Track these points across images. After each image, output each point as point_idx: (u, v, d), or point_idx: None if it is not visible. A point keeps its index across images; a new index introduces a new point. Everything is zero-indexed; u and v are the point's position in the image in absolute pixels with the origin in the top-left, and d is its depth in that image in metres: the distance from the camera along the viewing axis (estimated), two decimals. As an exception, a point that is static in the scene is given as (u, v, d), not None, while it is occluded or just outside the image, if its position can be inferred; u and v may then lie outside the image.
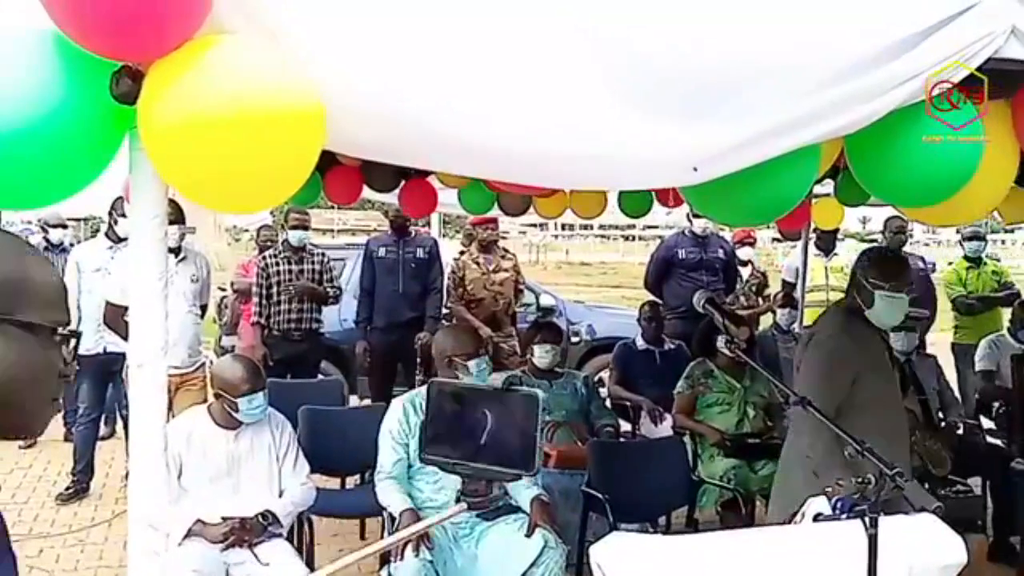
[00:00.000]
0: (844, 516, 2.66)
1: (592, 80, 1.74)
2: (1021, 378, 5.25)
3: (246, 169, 1.50)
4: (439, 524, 1.33)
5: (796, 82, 1.83)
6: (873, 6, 1.89)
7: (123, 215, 6.28)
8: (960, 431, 5.73)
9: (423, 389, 4.18)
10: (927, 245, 41.21)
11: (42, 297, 1.34)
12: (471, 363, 3.99)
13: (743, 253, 8.21)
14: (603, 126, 1.77)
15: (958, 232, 8.72)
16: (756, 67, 1.81)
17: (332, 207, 19.04)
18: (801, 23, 1.85)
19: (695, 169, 1.81)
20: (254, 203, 1.67)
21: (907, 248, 7.98)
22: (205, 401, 4.91)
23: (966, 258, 7.78)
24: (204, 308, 6.20)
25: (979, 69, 1.98)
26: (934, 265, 7.83)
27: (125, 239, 6.34)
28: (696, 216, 7.13)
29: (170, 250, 5.71)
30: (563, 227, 24.91)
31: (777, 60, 1.82)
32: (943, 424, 5.63)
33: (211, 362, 5.67)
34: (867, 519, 2.35)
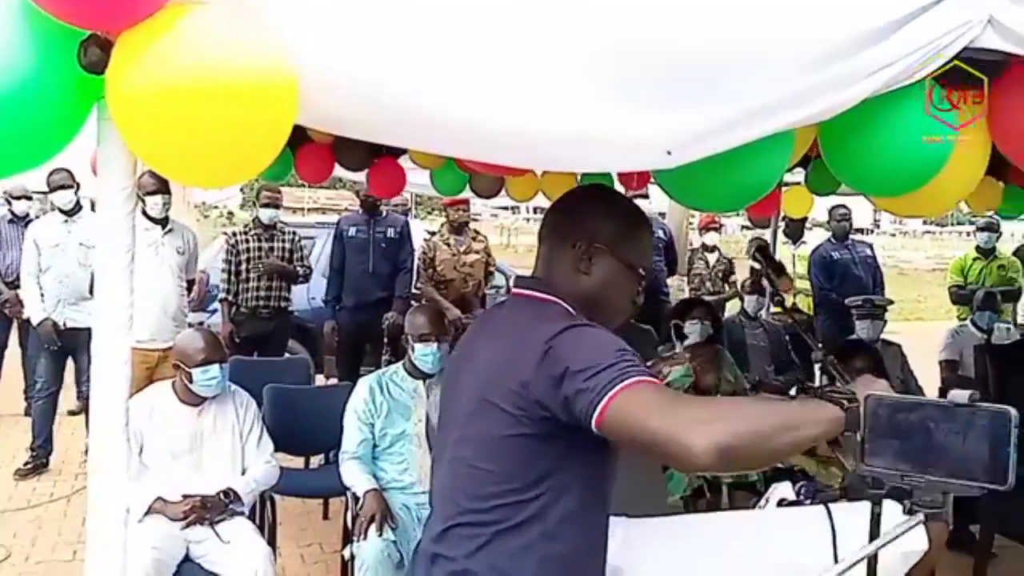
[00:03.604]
0: (808, 502, 2.70)
1: (567, 63, 1.73)
2: (983, 368, 5.31)
3: (216, 142, 1.47)
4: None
5: (771, 69, 1.83)
6: (849, -6, 1.88)
7: (60, 187, 6.20)
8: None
9: (391, 368, 4.21)
10: (893, 236, 41.65)
11: None
12: (418, 346, 3.98)
13: (709, 239, 8.24)
14: (577, 108, 1.75)
15: (958, 223, 8.98)
16: (731, 53, 1.80)
17: (303, 185, 18.89)
18: (777, 9, 1.84)
19: (669, 153, 1.80)
20: (224, 177, 1.64)
21: (872, 238, 8.08)
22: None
23: (977, 248, 7.85)
24: (191, 283, 6.16)
25: (955, 58, 1.99)
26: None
27: (76, 211, 6.27)
28: (642, 197, 7.13)
29: (157, 220, 5.77)
30: (534, 210, 24.85)
31: (753, 46, 1.81)
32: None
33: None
34: (828, 505, 2.39)
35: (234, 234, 6.82)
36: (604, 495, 1.80)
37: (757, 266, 3.77)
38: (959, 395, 1.49)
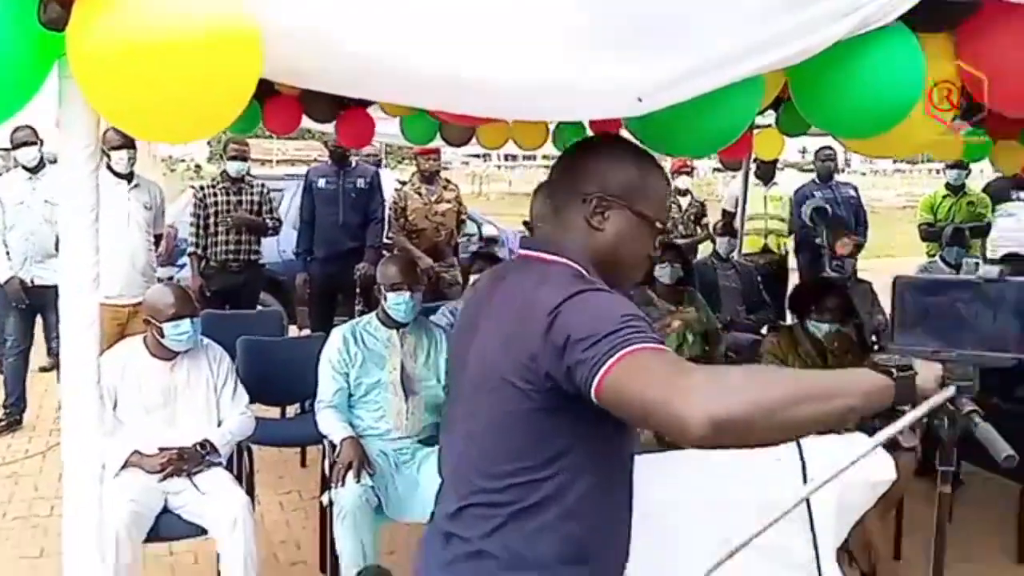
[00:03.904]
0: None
1: (535, 10, 1.71)
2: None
3: (180, 97, 1.44)
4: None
5: (738, 15, 1.82)
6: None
7: (24, 144, 6.11)
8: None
9: (364, 318, 4.21)
10: (864, 175, 41.88)
11: None
12: (390, 295, 3.99)
13: (681, 182, 8.26)
14: (546, 57, 1.74)
15: (928, 160, 9.07)
16: (695, 3, 1.79)
17: (271, 137, 18.65)
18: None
19: (639, 100, 1.80)
20: (189, 133, 1.61)
21: (842, 177, 8.12)
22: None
23: (947, 186, 7.91)
24: (159, 238, 6.11)
25: (919, 4, 1.98)
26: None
27: (40, 168, 6.19)
28: None
29: (123, 176, 5.70)
30: (506, 158, 24.72)
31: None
32: (876, 347, 5.79)
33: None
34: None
35: (202, 188, 6.74)
36: (625, 471, 1.73)
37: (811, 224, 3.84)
38: (990, 271, 1.45)
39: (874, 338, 5.83)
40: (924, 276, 1.49)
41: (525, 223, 3.09)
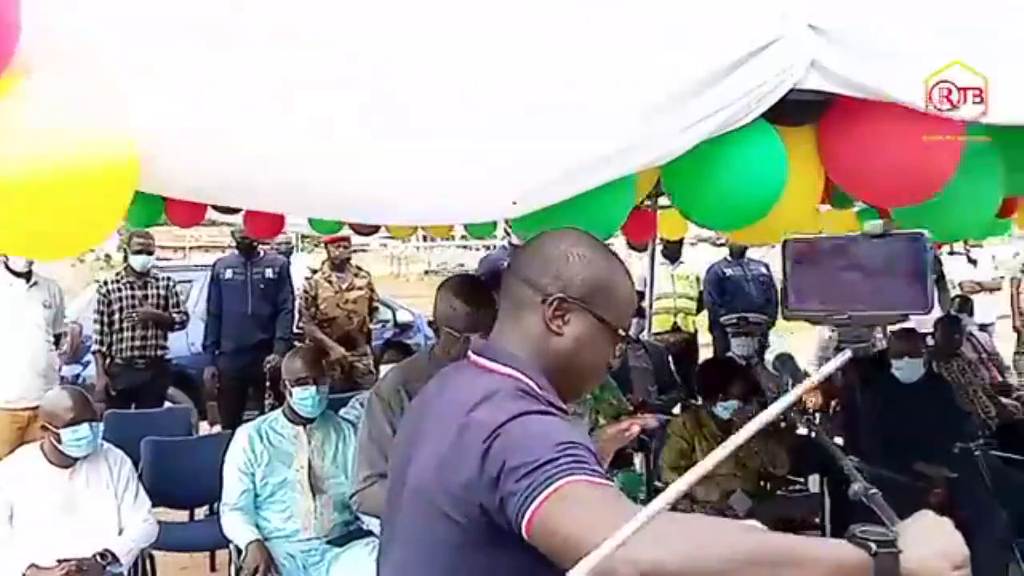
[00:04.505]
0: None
1: (411, 118, 1.77)
2: (849, 380, 5.52)
3: (47, 227, 1.44)
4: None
5: (608, 120, 1.90)
6: (680, 46, 1.97)
7: None
8: (800, 431, 6.01)
9: (270, 415, 4.16)
10: (773, 246, 43.01)
11: None
12: (296, 390, 3.95)
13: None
14: (427, 168, 1.79)
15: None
16: (571, 104, 1.87)
17: (182, 224, 18.36)
18: (613, 64, 1.91)
19: (514, 203, 1.86)
20: (61, 252, 1.62)
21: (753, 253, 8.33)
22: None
23: None
24: (58, 337, 5.96)
25: (782, 100, 2.10)
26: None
27: None
28: None
29: (20, 275, 5.56)
30: (424, 238, 24.84)
31: (590, 99, 1.88)
32: (783, 424, 5.88)
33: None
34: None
35: (105, 283, 6.62)
36: None
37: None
38: (874, 226, 1.34)
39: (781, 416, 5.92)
40: (813, 237, 1.43)
41: (430, 323, 3.03)
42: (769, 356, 6.79)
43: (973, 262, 11.57)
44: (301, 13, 1.68)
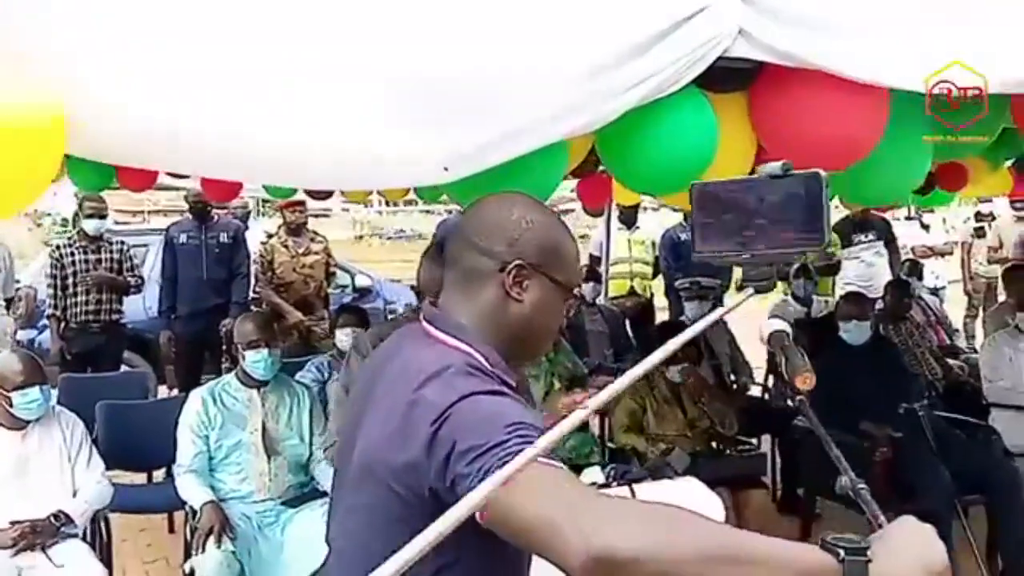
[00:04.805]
0: (615, 484, 2.87)
1: (343, 87, 1.80)
2: (799, 342, 5.63)
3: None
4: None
5: (538, 86, 1.95)
6: (609, 14, 2.02)
7: None
8: (750, 392, 6.15)
9: (224, 378, 4.18)
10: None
11: None
12: (248, 353, 3.99)
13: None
14: (354, 129, 1.83)
15: None
16: (500, 73, 1.91)
17: (141, 188, 18.09)
18: (544, 30, 1.96)
19: (445, 169, 1.90)
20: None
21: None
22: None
23: None
24: (9, 301, 5.92)
25: (711, 67, 2.16)
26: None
27: None
28: None
29: (-32, 241, 5.52)
30: (386, 203, 24.72)
31: (520, 66, 1.93)
32: (734, 386, 6.02)
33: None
34: (632, 486, 2.56)
35: (58, 247, 6.57)
36: None
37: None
38: (773, 167, 1.36)
39: (732, 377, 6.04)
40: (716, 180, 1.43)
41: (413, 288, 3.02)
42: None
43: (926, 227, 11.76)
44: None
